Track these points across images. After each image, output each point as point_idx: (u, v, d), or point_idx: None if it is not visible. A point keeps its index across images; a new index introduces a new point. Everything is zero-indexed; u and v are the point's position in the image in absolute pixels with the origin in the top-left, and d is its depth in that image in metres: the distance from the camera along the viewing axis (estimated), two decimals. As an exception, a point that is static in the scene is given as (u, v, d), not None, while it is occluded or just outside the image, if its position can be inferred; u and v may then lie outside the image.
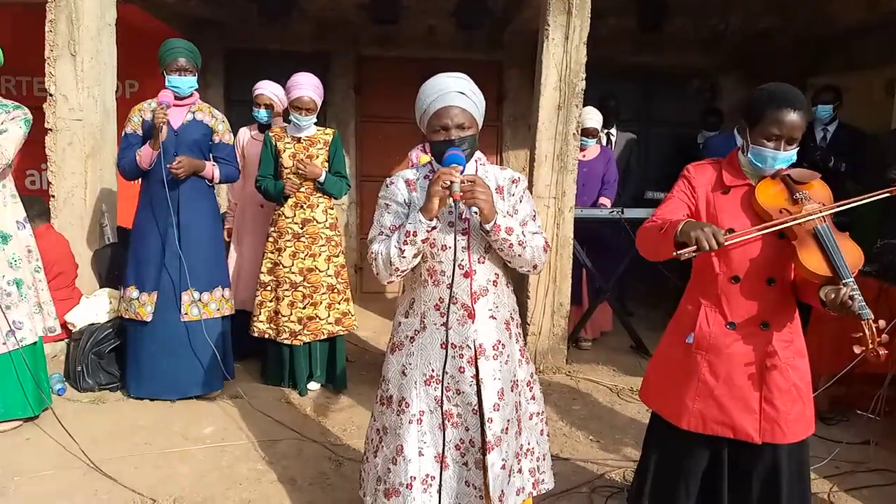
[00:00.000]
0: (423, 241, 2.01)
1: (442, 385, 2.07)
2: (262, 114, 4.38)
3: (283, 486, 2.95)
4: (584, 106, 4.61)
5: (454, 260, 2.00)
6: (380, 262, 2.07)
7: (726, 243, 1.89)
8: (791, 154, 2.05)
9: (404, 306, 2.22)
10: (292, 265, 3.91)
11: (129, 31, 4.58)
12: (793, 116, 2.00)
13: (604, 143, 5.65)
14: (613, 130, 5.74)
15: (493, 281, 2.13)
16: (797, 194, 2.07)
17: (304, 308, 3.92)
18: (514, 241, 2.02)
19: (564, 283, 4.53)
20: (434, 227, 2.00)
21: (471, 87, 2.10)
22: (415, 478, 2.08)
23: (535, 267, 2.13)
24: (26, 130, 3.34)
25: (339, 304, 4.03)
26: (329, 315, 3.99)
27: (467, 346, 2.08)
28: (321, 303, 3.96)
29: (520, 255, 2.06)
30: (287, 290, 3.92)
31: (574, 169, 4.43)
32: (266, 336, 4.02)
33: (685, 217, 2.10)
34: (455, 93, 2.05)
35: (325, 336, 4.01)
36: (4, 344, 3.29)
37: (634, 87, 6.85)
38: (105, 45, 4.24)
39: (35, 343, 3.43)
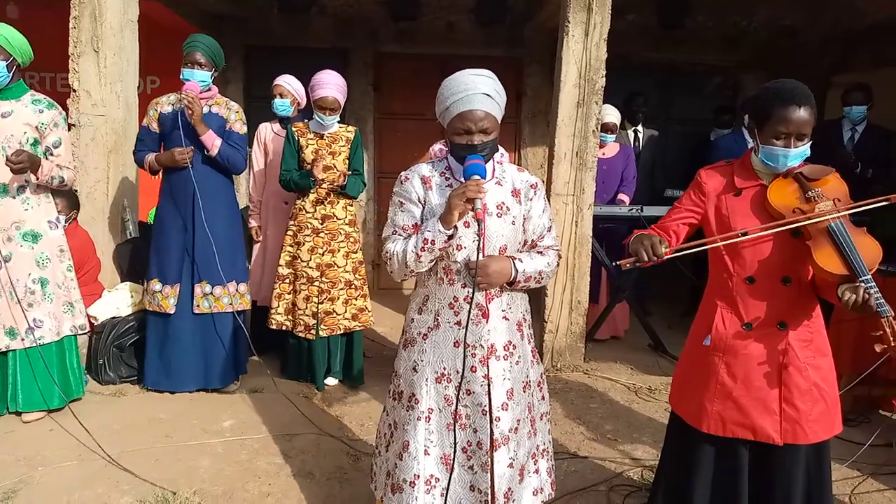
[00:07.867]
0: (441, 250, 2.02)
1: (460, 385, 2.07)
2: (277, 103, 4.33)
3: (301, 480, 2.97)
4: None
5: (475, 261, 2.01)
6: (395, 263, 2.07)
7: (666, 257, 2.01)
8: (802, 150, 2.03)
9: (417, 302, 2.21)
10: (310, 260, 3.94)
11: (150, 27, 4.62)
12: (799, 113, 1.97)
13: (630, 140, 5.62)
14: (640, 128, 5.70)
15: None
16: (810, 192, 2.05)
17: (320, 303, 3.94)
18: (533, 283, 2.14)
19: (583, 281, 4.50)
20: (452, 237, 2.00)
21: (496, 86, 2.04)
22: (418, 476, 2.07)
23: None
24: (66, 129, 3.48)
25: (356, 300, 4.05)
26: (346, 311, 4.01)
27: (480, 345, 2.08)
28: (338, 298, 3.98)
29: (538, 283, 2.17)
30: (304, 284, 3.95)
31: (593, 167, 4.40)
32: (283, 328, 4.05)
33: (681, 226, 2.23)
34: (481, 94, 1.99)
35: (342, 331, 4.02)
36: (23, 340, 3.35)
37: (654, 84, 6.78)
38: (127, 42, 4.29)
39: (57, 341, 3.47)
